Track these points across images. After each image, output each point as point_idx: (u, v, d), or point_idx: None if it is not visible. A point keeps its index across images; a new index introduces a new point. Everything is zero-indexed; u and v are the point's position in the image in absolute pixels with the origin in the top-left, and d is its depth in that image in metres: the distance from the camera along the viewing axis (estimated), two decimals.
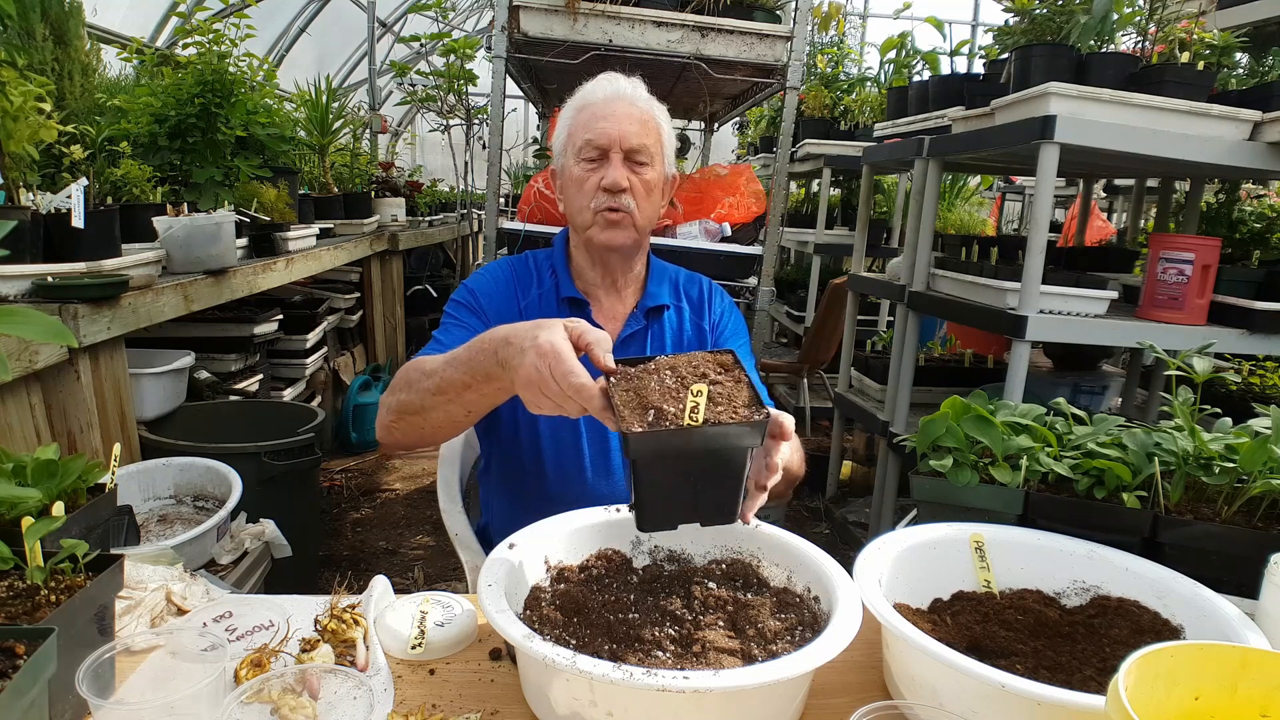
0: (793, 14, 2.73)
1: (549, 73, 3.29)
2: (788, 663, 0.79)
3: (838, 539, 3.34)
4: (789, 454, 1.01)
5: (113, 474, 1.11)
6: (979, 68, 4.81)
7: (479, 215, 6.09)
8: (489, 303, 1.44)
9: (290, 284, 3.37)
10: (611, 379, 0.92)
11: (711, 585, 1.02)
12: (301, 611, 1.02)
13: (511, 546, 1.01)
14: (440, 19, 5.53)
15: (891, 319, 4.03)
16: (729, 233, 2.96)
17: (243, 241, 2.74)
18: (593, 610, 0.96)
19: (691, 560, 1.12)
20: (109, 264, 1.86)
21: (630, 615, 0.96)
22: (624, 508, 1.14)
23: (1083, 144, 1.94)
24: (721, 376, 0.94)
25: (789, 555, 1.06)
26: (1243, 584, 1.01)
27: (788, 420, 0.97)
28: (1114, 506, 1.11)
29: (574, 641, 0.90)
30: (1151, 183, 3.49)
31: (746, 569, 1.07)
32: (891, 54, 4.27)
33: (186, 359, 2.36)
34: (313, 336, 3.50)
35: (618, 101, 1.37)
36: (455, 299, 1.46)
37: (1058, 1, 2.13)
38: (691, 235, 2.89)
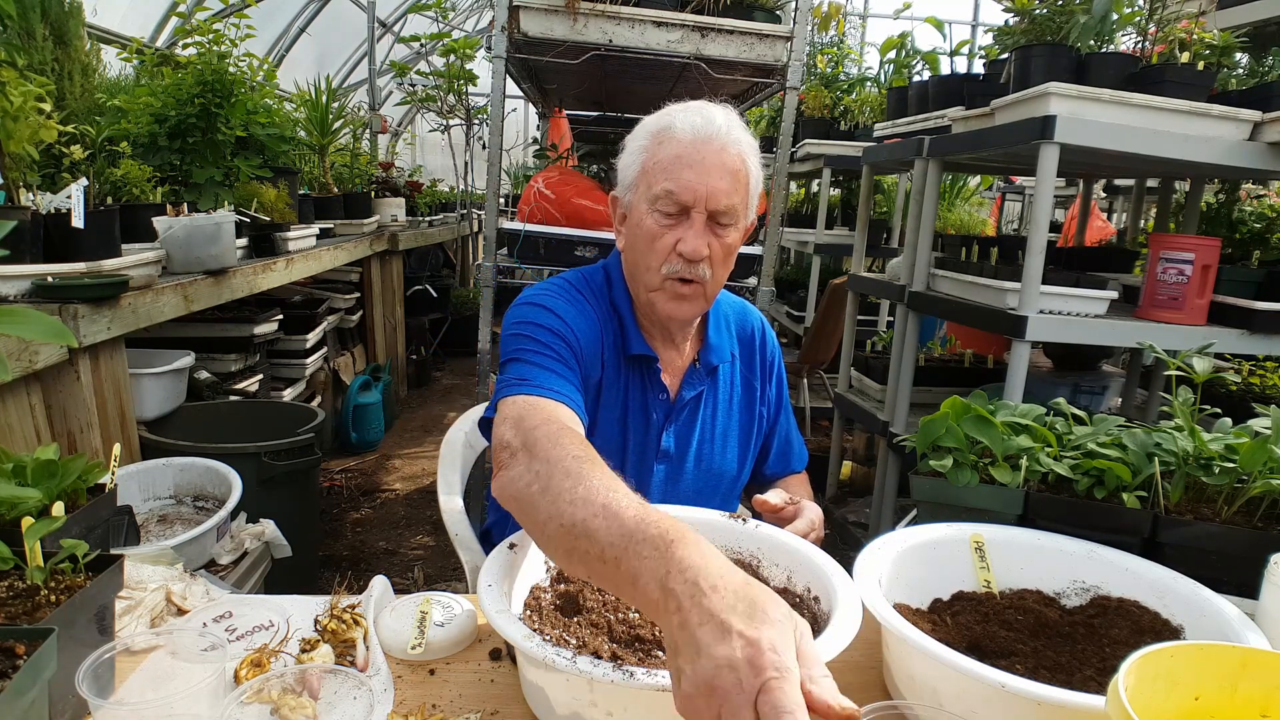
0: (793, 14, 2.73)
1: (549, 73, 3.29)
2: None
3: (838, 539, 3.34)
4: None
5: (113, 474, 1.11)
6: (979, 68, 4.81)
7: (479, 215, 6.09)
8: (579, 333, 1.19)
9: (290, 284, 3.37)
10: None
11: None
12: (301, 611, 1.02)
13: (512, 546, 1.01)
14: (440, 19, 5.54)
15: (891, 319, 4.03)
16: None
17: (243, 241, 2.74)
18: (593, 610, 0.96)
19: None
20: (109, 264, 1.86)
21: (630, 615, 0.96)
22: None
23: (1083, 144, 1.94)
24: None
25: (789, 555, 1.06)
26: (1243, 584, 1.01)
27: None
28: (1114, 506, 1.11)
29: (574, 641, 0.89)
30: (1151, 183, 3.49)
31: (747, 569, 1.07)
32: (891, 54, 4.28)
33: (186, 359, 2.36)
34: (313, 336, 3.50)
35: (709, 145, 1.14)
36: (534, 321, 1.18)
37: (1058, 1, 2.13)
38: None
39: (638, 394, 1.28)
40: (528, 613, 0.95)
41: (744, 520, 1.12)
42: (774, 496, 1.15)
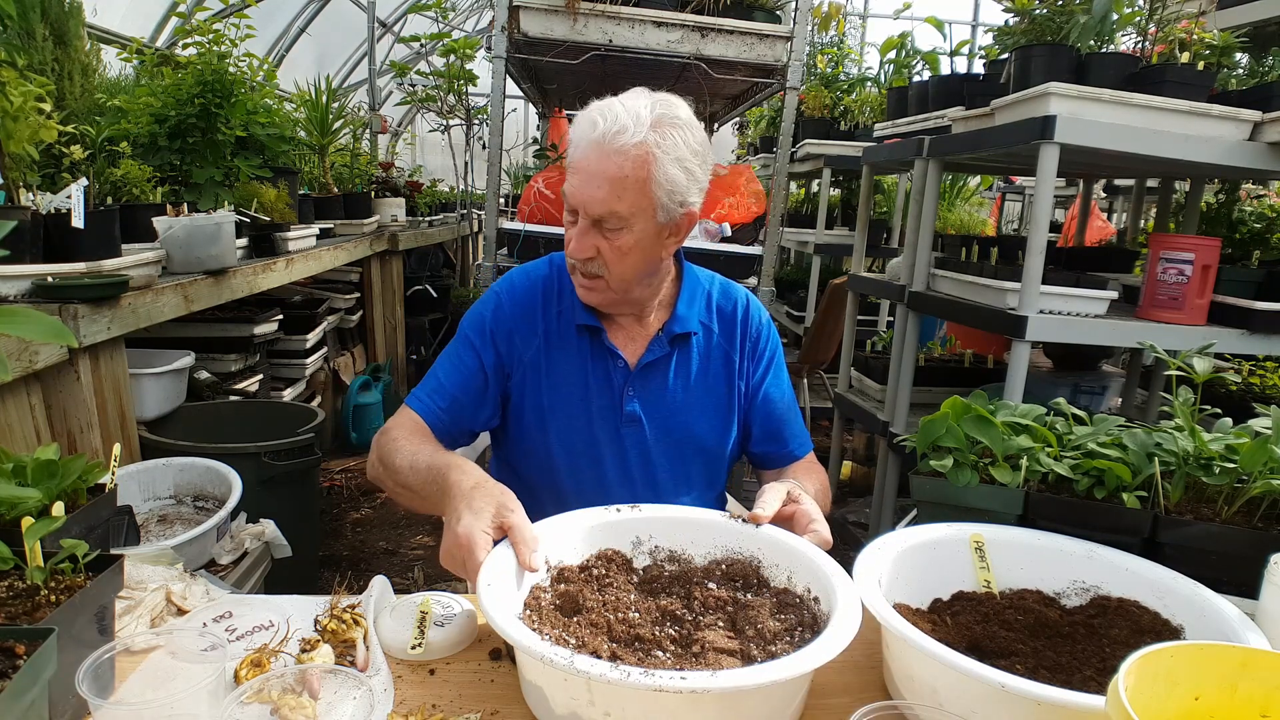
0: (793, 14, 2.73)
1: (549, 73, 3.29)
2: (786, 664, 0.79)
3: (838, 539, 3.33)
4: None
5: (113, 474, 1.11)
6: (979, 68, 4.81)
7: (479, 215, 6.09)
8: (503, 330, 1.36)
9: (290, 284, 3.37)
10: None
11: (711, 586, 1.02)
12: (301, 611, 1.03)
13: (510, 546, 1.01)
14: (440, 19, 5.53)
15: (891, 319, 4.03)
16: (729, 233, 2.96)
17: (243, 241, 2.74)
18: (592, 610, 0.96)
19: (692, 561, 1.11)
20: (109, 264, 1.86)
21: (630, 615, 0.96)
22: (624, 507, 1.14)
23: (1083, 144, 1.94)
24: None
25: (790, 556, 1.06)
26: (1243, 584, 1.01)
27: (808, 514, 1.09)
28: (1114, 507, 1.11)
29: (573, 641, 0.90)
30: (1151, 183, 3.49)
31: (747, 569, 1.07)
32: (891, 54, 4.27)
33: (186, 359, 2.36)
34: (313, 337, 3.50)
35: (597, 150, 1.19)
36: (465, 320, 1.39)
37: (1058, 1, 2.13)
38: (691, 235, 2.88)
39: (593, 360, 1.36)
40: (527, 612, 0.95)
41: (743, 521, 1.12)
42: (766, 507, 1.13)
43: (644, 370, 1.36)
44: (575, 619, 0.95)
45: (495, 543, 0.99)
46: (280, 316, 3.16)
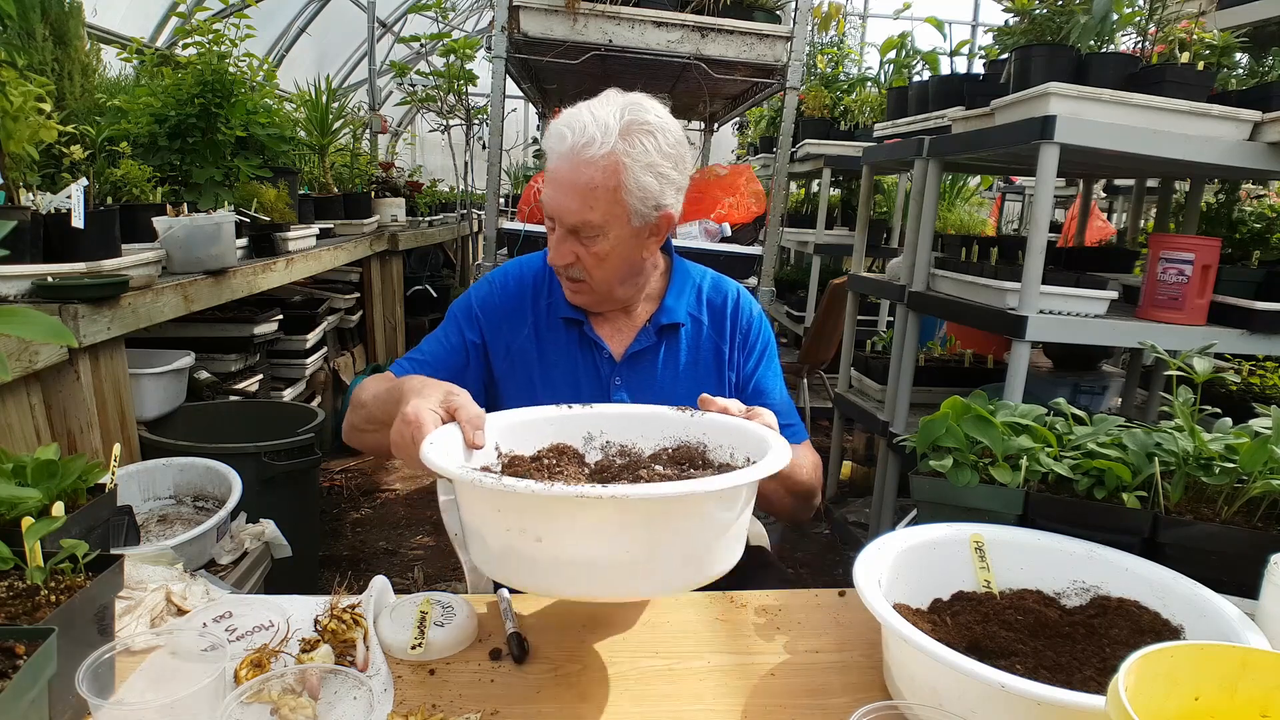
0: (793, 14, 2.73)
1: (549, 73, 3.29)
2: (712, 479, 0.81)
3: (838, 539, 3.34)
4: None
5: (113, 474, 1.11)
6: (979, 68, 4.81)
7: (479, 215, 6.09)
8: (489, 314, 1.41)
9: (290, 284, 3.37)
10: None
11: (658, 468, 1.05)
12: (301, 611, 1.03)
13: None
14: (440, 19, 5.53)
15: (891, 319, 4.03)
16: (729, 233, 2.96)
17: (243, 242, 2.74)
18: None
19: (642, 454, 1.13)
20: (109, 264, 1.86)
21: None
22: (577, 406, 1.16)
23: (1083, 144, 1.93)
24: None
25: (733, 435, 1.07)
26: (1243, 584, 1.01)
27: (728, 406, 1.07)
28: (1114, 507, 1.11)
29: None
30: (1151, 183, 3.49)
31: (693, 453, 1.09)
32: (891, 54, 4.27)
33: (186, 359, 2.36)
34: (313, 337, 3.50)
35: (567, 162, 1.22)
36: (453, 306, 1.45)
37: (1058, 1, 2.13)
38: (691, 235, 2.89)
39: (580, 350, 1.40)
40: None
41: (690, 412, 1.14)
42: (716, 400, 1.14)
43: (630, 360, 1.39)
44: None
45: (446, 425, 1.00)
46: (280, 316, 3.16)
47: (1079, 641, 0.96)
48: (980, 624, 0.98)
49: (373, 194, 4.56)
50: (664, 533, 0.80)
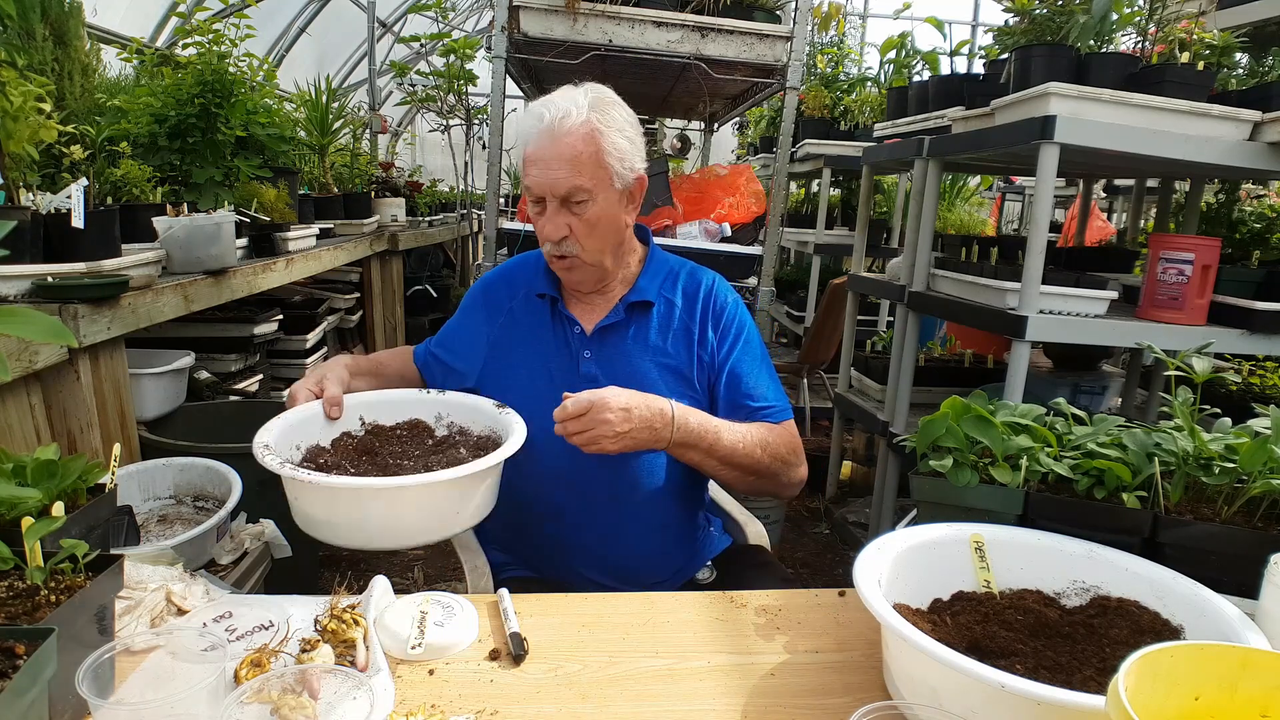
0: (793, 14, 2.73)
1: (549, 73, 3.28)
2: (439, 473, 1.10)
3: (838, 539, 3.34)
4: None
5: (113, 474, 1.11)
6: (979, 68, 4.81)
7: (479, 215, 6.09)
8: (490, 299, 1.56)
9: (290, 284, 3.36)
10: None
11: (463, 451, 1.31)
12: (301, 611, 1.03)
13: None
14: (440, 19, 5.53)
15: (891, 319, 4.03)
16: (729, 233, 2.96)
17: (243, 241, 2.73)
18: (380, 455, 1.30)
19: (470, 433, 1.41)
20: (109, 264, 1.86)
21: (405, 464, 1.28)
22: (434, 390, 1.46)
23: (1083, 144, 1.94)
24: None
25: (467, 412, 1.42)
26: (1243, 584, 1.01)
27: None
28: (1114, 507, 1.11)
29: (352, 470, 1.23)
30: (1151, 183, 3.49)
31: (425, 428, 1.42)
32: (891, 54, 4.27)
33: (186, 359, 2.36)
34: (313, 337, 3.50)
35: (546, 138, 1.32)
36: (466, 295, 1.61)
37: (1058, 1, 2.13)
38: (691, 235, 2.89)
39: (552, 326, 1.49)
40: (329, 448, 1.30)
41: (430, 391, 1.46)
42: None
43: (600, 334, 1.45)
44: (364, 458, 1.28)
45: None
46: (280, 316, 3.16)
47: (1079, 641, 0.96)
48: (980, 624, 0.98)
49: (373, 194, 4.56)
50: (410, 506, 1.13)
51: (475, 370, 1.52)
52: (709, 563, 1.57)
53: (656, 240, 1.61)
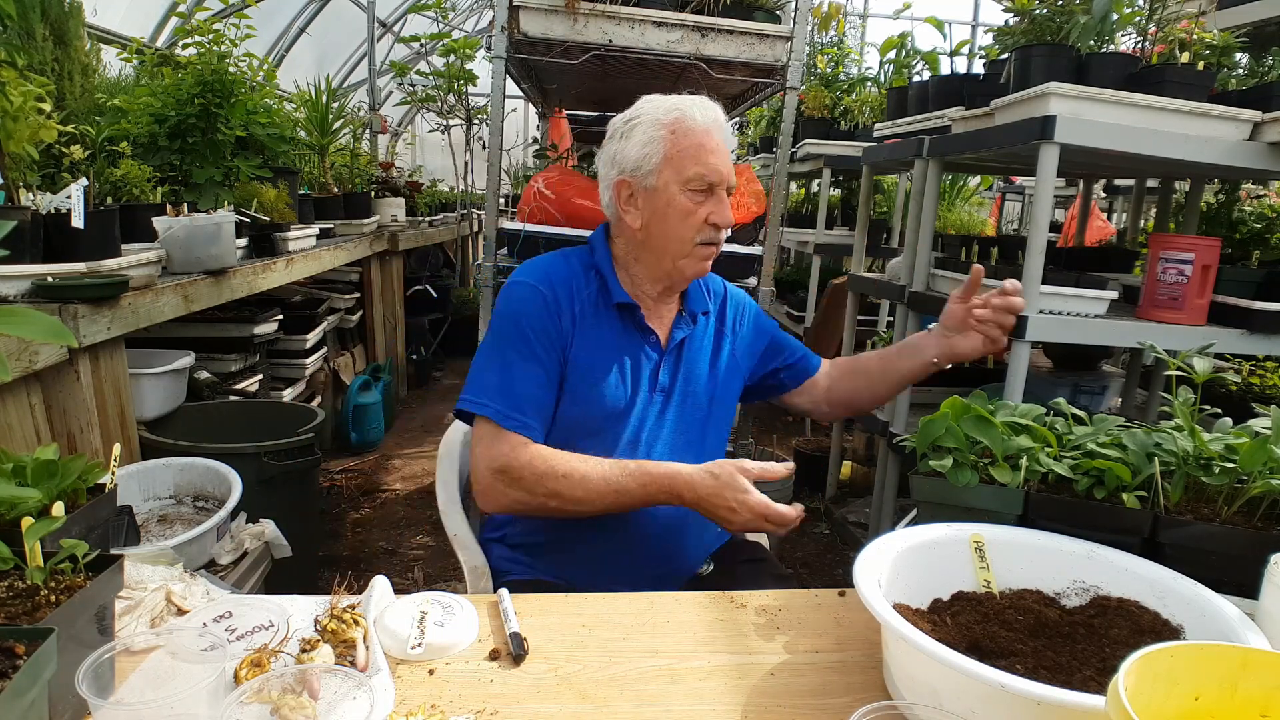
0: (793, 14, 2.73)
1: (549, 73, 3.28)
2: None
3: (838, 539, 3.34)
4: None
5: (113, 474, 1.11)
6: (979, 68, 4.81)
7: (479, 215, 6.09)
8: (537, 327, 1.37)
9: (290, 284, 3.37)
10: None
11: None
12: (301, 611, 1.03)
13: None
14: (440, 19, 5.54)
15: (891, 319, 4.03)
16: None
17: (243, 241, 2.74)
18: None
19: None
20: (109, 264, 1.86)
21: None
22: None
23: (1083, 144, 1.93)
24: None
25: None
26: (1243, 584, 1.01)
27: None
28: (1114, 507, 1.11)
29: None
30: (1151, 183, 3.49)
31: None
32: (891, 54, 4.27)
33: (186, 359, 2.36)
34: (313, 337, 3.50)
35: (718, 133, 1.39)
36: (502, 333, 1.38)
37: (1058, 1, 2.13)
38: None
39: (628, 337, 1.45)
40: None
41: None
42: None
43: (675, 349, 1.49)
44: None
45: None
46: (280, 316, 3.16)
47: (1079, 641, 0.96)
48: (980, 624, 0.98)
49: (373, 194, 4.56)
50: None
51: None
52: (708, 557, 1.58)
53: None
